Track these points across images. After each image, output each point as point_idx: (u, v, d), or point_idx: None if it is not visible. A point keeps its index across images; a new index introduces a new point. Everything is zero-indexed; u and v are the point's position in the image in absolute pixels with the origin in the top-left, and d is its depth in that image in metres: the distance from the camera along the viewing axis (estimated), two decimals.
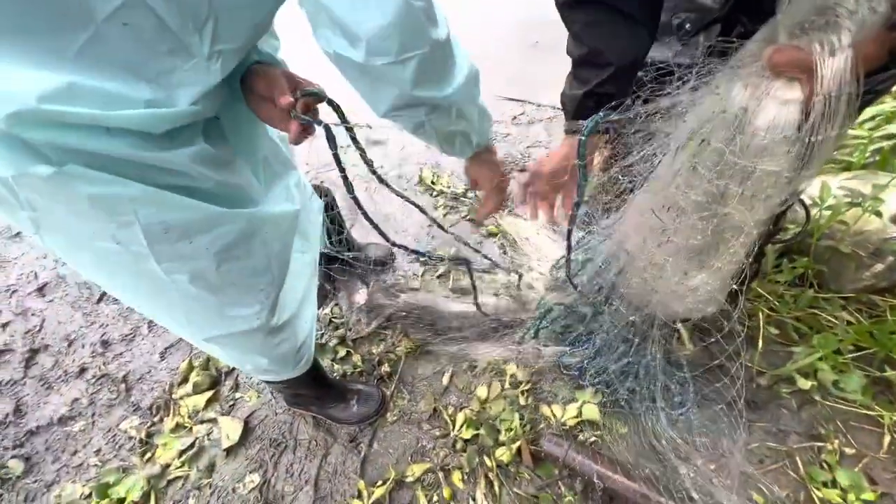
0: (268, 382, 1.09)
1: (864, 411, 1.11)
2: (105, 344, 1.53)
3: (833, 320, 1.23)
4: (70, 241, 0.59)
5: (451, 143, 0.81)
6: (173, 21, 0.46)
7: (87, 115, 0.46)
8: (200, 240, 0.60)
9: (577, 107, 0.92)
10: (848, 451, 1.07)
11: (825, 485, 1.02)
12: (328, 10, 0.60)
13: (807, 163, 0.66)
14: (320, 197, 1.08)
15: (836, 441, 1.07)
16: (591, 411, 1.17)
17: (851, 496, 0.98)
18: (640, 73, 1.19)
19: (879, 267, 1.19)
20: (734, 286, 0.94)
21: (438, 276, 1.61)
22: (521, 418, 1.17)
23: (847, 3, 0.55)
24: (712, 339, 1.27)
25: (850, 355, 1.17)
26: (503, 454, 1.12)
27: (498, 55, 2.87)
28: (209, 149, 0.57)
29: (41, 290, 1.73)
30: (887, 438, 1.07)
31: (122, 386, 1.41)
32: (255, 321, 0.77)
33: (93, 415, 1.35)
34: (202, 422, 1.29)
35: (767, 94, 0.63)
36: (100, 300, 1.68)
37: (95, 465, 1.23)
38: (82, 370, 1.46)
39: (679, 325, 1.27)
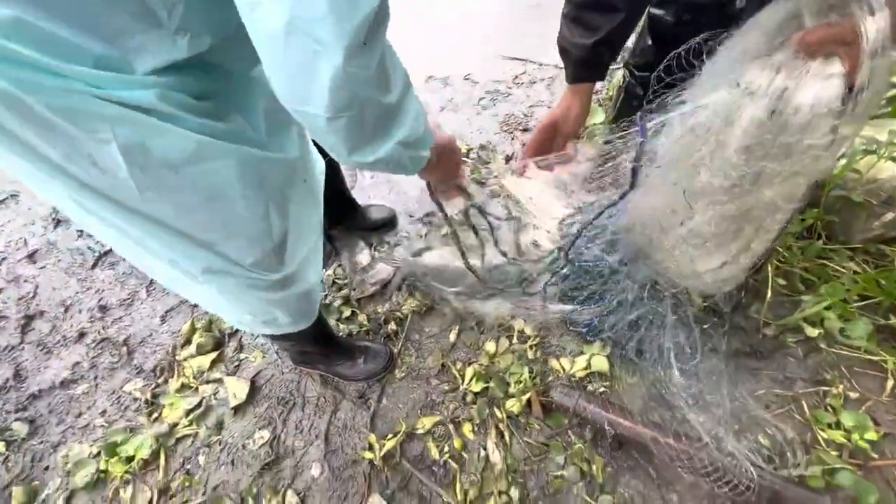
0: (274, 339, 1.07)
1: (869, 357, 1.13)
2: (103, 309, 1.50)
3: (841, 270, 1.23)
4: (44, 166, 0.51)
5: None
6: None
7: (39, 61, 0.44)
8: (187, 171, 0.55)
9: (589, 55, 0.87)
10: (852, 395, 1.09)
11: (830, 426, 1.04)
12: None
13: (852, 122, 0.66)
14: (322, 155, 1.04)
15: (841, 386, 1.09)
16: (600, 363, 1.17)
17: (855, 436, 1.00)
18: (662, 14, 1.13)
19: (890, 216, 1.18)
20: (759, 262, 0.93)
21: (444, 235, 1.58)
22: (531, 371, 1.18)
23: None
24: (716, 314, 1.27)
25: (857, 304, 1.18)
26: (513, 405, 1.12)
27: (499, 14, 2.76)
28: (178, 95, 0.52)
29: (32, 257, 1.68)
30: (890, 382, 1.09)
31: (124, 349, 1.38)
32: (251, 272, 0.74)
33: (95, 378, 1.33)
34: (207, 382, 1.28)
35: (807, 73, 0.63)
36: (94, 266, 1.63)
37: (102, 425, 1.22)
38: (81, 335, 1.43)
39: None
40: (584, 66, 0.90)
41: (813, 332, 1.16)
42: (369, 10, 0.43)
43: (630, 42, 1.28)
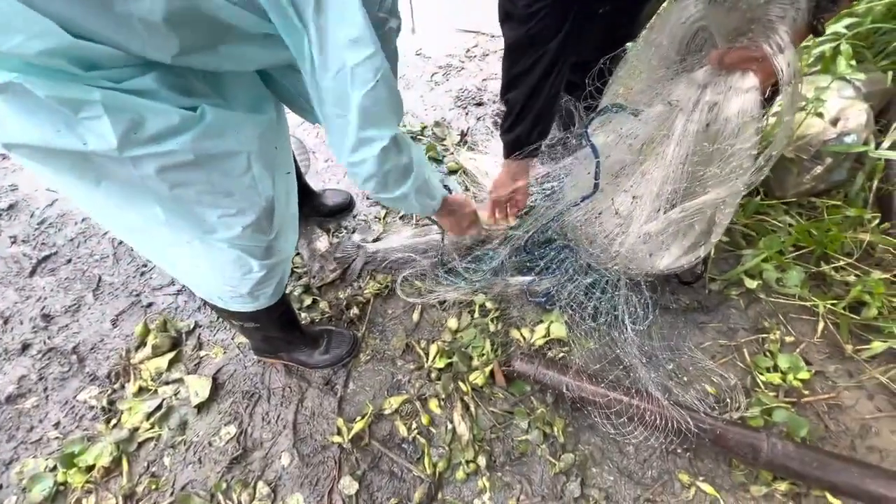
0: (243, 321, 1.03)
1: (802, 303, 1.21)
2: (47, 318, 1.42)
3: (777, 224, 1.30)
4: (36, 144, 0.54)
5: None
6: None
7: (65, 68, 0.50)
8: (171, 140, 0.59)
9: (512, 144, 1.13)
10: (788, 339, 1.17)
11: (768, 370, 1.12)
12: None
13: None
14: None
15: (778, 332, 1.17)
16: (559, 330, 1.21)
17: (790, 376, 1.09)
18: None
19: (818, 169, 1.25)
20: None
21: (402, 218, 1.57)
22: (492, 343, 1.20)
23: (775, 11, 0.71)
24: (682, 283, 1.32)
25: (792, 254, 1.26)
26: (477, 378, 1.15)
27: None
28: (168, 77, 0.58)
29: None
30: (821, 325, 1.18)
31: (74, 357, 1.32)
32: (243, 235, 0.76)
33: (45, 390, 1.27)
34: (167, 383, 1.24)
35: (730, 88, 0.77)
36: (32, 273, 1.54)
37: (56, 437, 1.17)
38: (25, 347, 1.36)
39: None
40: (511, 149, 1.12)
41: (752, 283, 1.23)
42: (401, 116, 0.75)
43: None
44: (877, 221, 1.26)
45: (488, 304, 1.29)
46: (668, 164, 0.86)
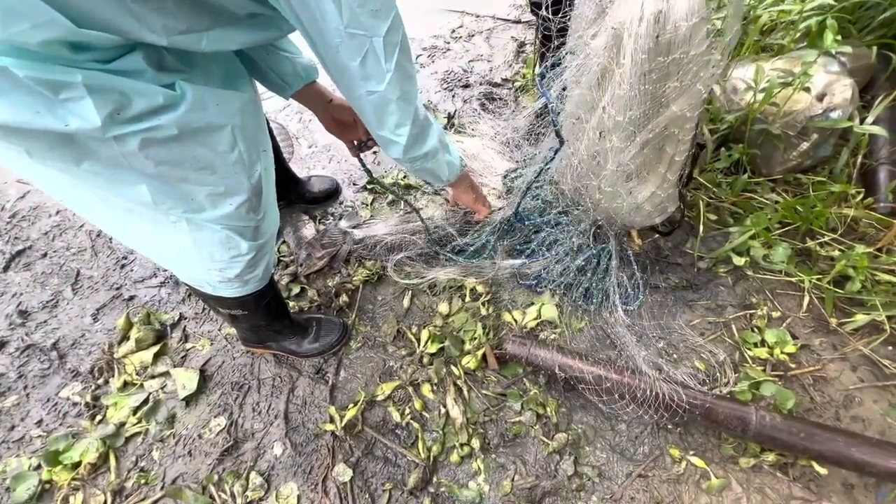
0: (230, 308, 1.01)
1: (788, 279, 1.22)
2: (23, 314, 1.37)
3: (764, 201, 1.30)
4: (13, 124, 0.52)
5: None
6: None
7: (59, 53, 0.50)
8: (155, 119, 0.59)
9: None
10: (774, 314, 1.18)
11: (756, 345, 1.13)
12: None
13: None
14: None
15: (765, 307, 1.19)
16: (550, 311, 1.21)
17: (777, 350, 1.10)
18: None
19: (805, 145, 1.25)
20: (679, 189, 0.99)
21: (390, 203, 1.54)
22: (484, 327, 1.20)
23: None
24: (658, 234, 1.33)
25: (778, 231, 1.27)
26: (469, 361, 1.14)
27: None
28: (153, 54, 0.58)
29: None
30: (806, 299, 1.19)
31: (54, 354, 1.28)
32: (233, 216, 0.75)
33: (25, 387, 1.23)
34: (153, 377, 1.21)
35: None
36: (6, 269, 1.48)
37: (39, 436, 1.14)
38: (2, 344, 1.31)
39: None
40: None
41: (740, 260, 1.24)
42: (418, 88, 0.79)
43: None
44: (860, 196, 1.28)
45: (479, 288, 1.28)
46: (628, 89, 0.82)
